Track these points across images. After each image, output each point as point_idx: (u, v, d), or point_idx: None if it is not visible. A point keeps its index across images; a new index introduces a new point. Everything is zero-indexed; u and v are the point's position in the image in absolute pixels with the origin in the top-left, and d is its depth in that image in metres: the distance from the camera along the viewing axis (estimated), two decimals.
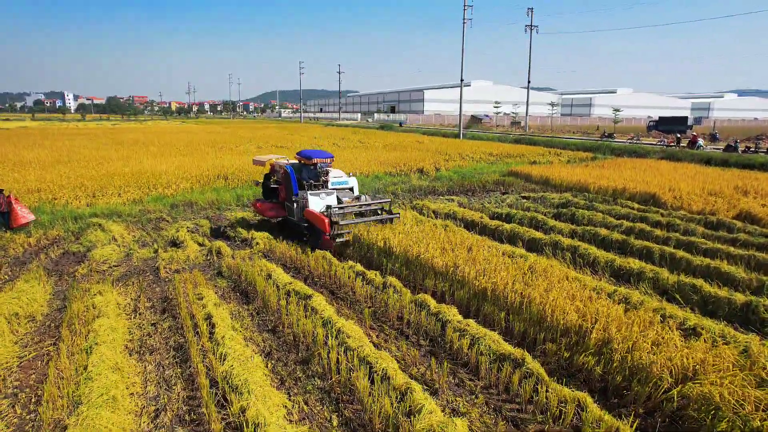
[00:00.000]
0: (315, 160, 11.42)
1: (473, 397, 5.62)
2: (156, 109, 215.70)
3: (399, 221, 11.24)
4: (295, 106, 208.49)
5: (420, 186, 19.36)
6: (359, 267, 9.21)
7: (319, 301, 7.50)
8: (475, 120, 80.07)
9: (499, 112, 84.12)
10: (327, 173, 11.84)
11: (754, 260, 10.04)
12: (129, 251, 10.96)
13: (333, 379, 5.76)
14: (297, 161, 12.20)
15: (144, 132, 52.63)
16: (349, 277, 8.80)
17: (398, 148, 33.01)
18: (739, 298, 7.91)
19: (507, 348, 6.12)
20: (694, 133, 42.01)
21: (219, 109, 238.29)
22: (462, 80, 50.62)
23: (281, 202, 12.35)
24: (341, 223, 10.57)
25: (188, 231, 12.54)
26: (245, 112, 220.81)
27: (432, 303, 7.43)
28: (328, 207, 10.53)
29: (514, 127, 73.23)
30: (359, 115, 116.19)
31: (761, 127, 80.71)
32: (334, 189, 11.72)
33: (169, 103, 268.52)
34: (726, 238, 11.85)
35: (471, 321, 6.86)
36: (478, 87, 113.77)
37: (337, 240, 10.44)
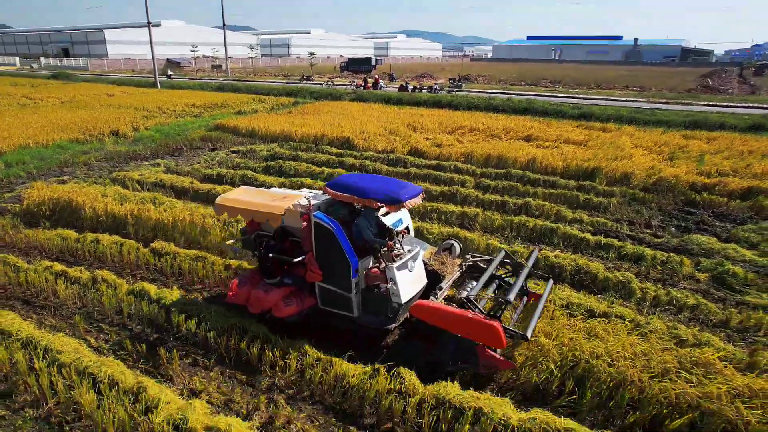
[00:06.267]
0: (404, 204, 5.94)
1: (208, 372, 5.98)
2: None
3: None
4: None
5: (118, 152, 17.43)
6: (59, 266, 8.16)
7: (11, 319, 6.49)
8: (172, 64, 73.86)
9: (198, 56, 79.50)
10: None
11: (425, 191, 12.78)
12: None
13: (50, 403, 5.29)
14: (330, 200, 6.50)
15: None
16: (46, 281, 7.74)
17: (84, 106, 28.40)
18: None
19: (232, 318, 6.59)
20: (376, 76, 48.27)
21: None
22: (149, 22, 45.60)
23: (306, 284, 6.50)
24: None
25: None
26: None
27: (152, 290, 7.28)
28: (502, 300, 5.65)
29: (216, 71, 70.68)
30: (17, 59, 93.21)
31: (424, 64, 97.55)
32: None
33: None
34: (402, 173, 14.61)
35: (194, 299, 7.06)
36: (171, 27, 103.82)
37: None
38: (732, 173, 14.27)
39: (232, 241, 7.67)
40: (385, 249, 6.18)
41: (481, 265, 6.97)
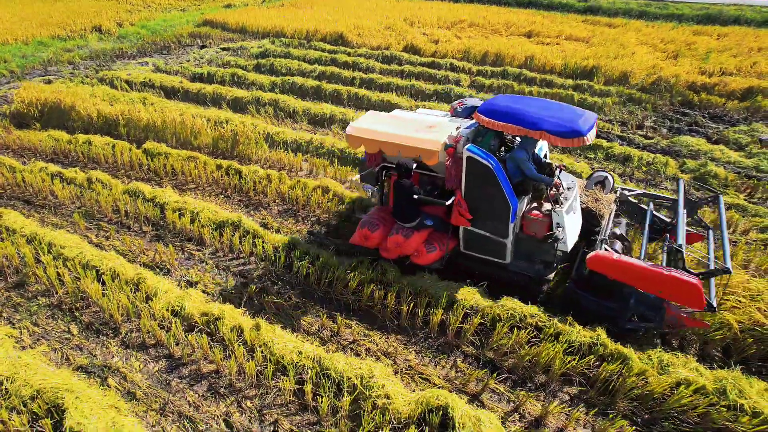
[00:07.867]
0: (585, 138, 4.78)
1: (203, 264, 6.38)
2: None
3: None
4: None
5: (103, 50, 16.82)
6: (54, 167, 8.31)
7: (14, 217, 6.79)
8: None
9: None
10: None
11: (414, 89, 12.57)
12: None
13: (59, 292, 5.73)
14: (477, 129, 5.47)
15: None
16: (43, 181, 7.94)
17: None
18: None
19: (224, 215, 6.89)
20: None
21: None
22: None
23: (447, 225, 5.64)
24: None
25: None
26: None
27: (146, 189, 7.50)
28: (675, 246, 4.90)
29: None
30: None
31: None
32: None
33: None
34: (396, 71, 14.24)
35: (188, 198, 7.31)
36: None
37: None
38: (735, 72, 13.91)
39: (357, 177, 6.17)
40: (538, 184, 5.24)
41: (632, 200, 6.18)
